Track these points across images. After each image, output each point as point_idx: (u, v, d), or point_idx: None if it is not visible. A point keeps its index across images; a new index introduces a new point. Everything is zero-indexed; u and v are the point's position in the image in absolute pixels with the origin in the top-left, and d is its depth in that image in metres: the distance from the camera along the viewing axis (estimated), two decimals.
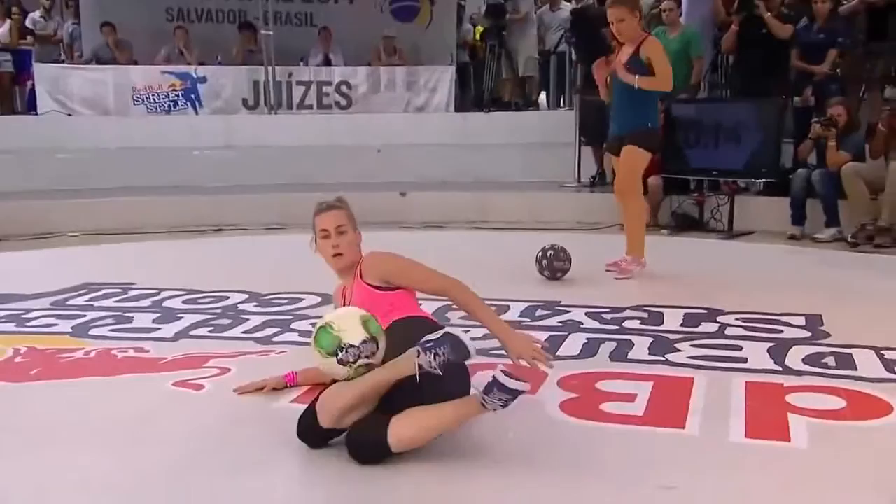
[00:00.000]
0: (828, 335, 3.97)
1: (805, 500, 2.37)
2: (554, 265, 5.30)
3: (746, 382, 3.32)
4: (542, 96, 11.79)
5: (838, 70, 8.02)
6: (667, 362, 3.62)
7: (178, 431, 2.93)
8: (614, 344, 3.88)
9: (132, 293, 5.19)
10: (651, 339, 3.95)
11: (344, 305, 3.09)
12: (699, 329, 4.13)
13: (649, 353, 3.74)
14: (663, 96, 7.67)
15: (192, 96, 10.96)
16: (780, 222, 7.41)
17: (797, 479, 2.50)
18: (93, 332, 4.28)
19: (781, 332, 4.07)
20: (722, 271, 5.76)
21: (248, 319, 4.47)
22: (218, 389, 3.34)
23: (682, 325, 4.22)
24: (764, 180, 7.59)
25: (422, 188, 9.39)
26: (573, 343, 3.92)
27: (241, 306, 4.80)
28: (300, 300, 4.91)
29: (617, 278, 5.33)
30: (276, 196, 9.28)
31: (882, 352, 3.67)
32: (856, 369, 3.47)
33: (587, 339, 3.98)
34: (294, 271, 5.85)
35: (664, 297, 4.77)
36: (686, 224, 7.72)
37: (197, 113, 10.78)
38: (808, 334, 4.01)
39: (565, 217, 8.41)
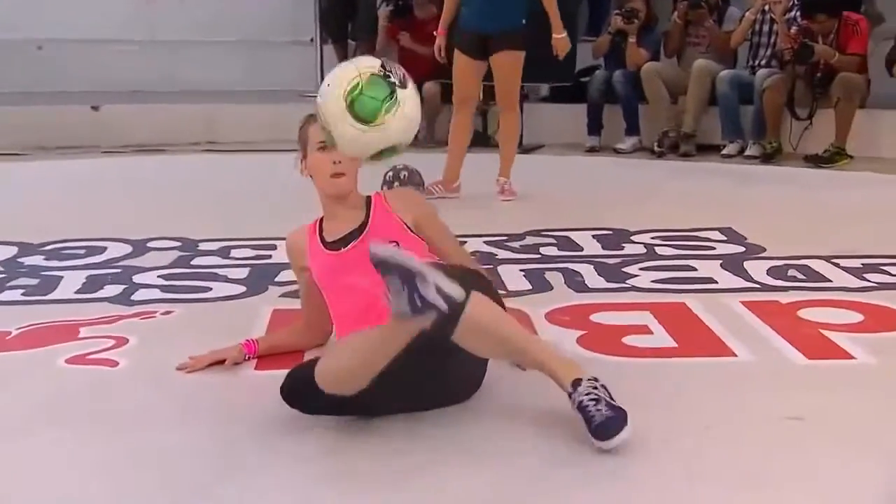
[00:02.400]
0: (763, 248, 4.44)
1: None
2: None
3: (744, 302, 3.64)
4: None
5: None
6: (636, 289, 3.86)
7: (134, 414, 2.70)
8: (559, 274, 4.05)
9: None
10: (591, 266, 4.17)
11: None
12: (628, 251, 4.44)
13: (607, 281, 3.96)
14: None
15: None
16: (572, 133, 7.98)
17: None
18: None
19: (714, 248, 4.48)
20: (566, 188, 6.13)
21: (60, 277, 4.12)
22: (138, 364, 3.09)
23: (604, 248, 4.50)
24: (556, 84, 8.08)
25: (115, 100, 8.86)
26: (512, 276, 4.02)
27: (24, 261, 4.39)
28: (102, 249, 4.60)
29: (506, 200, 5.55)
30: None
31: (832, 260, 4.18)
32: (830, 280, 3.93)
33: (521, 270, 4.11)
34: (46, 213, 5.43)
35: (546, 220, 5.02)
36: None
37: None
38: (743, 248, 4.45)
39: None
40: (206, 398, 2.81)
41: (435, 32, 5.82)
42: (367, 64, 2.50)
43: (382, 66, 2.48)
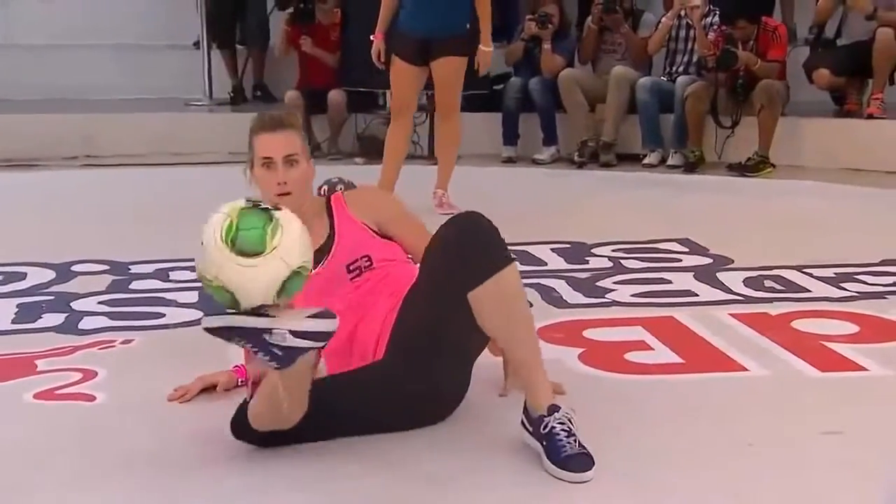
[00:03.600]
0: (730, 259, 4.56)
1: None
2: None
3: (733, 315, 3.75)
4: None
5: None
6: (618, 303, 3.94)
7: (143, 453, 2.61)
8: (532, 290, 4.05)
9: None
10: (563, 281, 4.23)
11: None
12: (594, 265, 4.52)
13: (586, 296, 4.03)
14: None
15: None
16: (487, 143, 8.01)
17: None
18: None
19: (679, 260, 4.60)
20: (501, 200, 6.11)
21: None
22: (119, 398, 3.01)
23: (568, 262, 4.58)
24: (469, 92, 8.09)
25: None
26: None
27: None
28: (22, 275, 4.46)
29: (445, 214, 5.50)
30: None
31: (804, 270, 4.33)
32: (809, 290, 4.07)
33: None
34: None
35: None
36: (375, 149, 7.96)
37: None
38: (710, 260, 4.58)
39: (207, 146, 8.22)
40: (206, 431, 2.73)
41: (371, 38, 5.76)
42: (232, 204, 2.39)
43: (247, 199, 2.41)
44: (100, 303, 3.99)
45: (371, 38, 5.75)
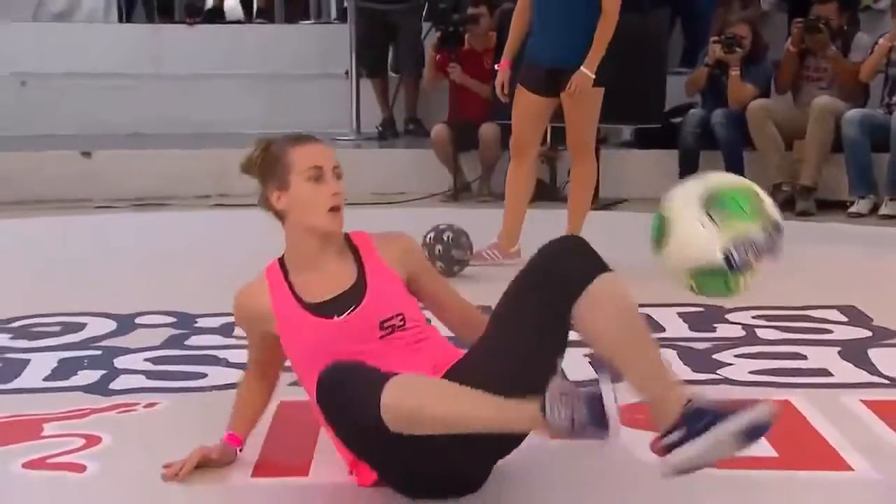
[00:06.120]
0: (893, 333, 4.39)
1: None
2: (452, 255, 5.41)
3: (865, 402, 3.61)
4: None
5: None
6: (729, 381, 3.85)
7: None
8: None
9: None
10: (675, 352, 4.16)
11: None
12: (721, 334, 4.45)
13: (694, 371, 3.96)
14: None
15: None
16: (660, 185, 7.78)
17: None
18: None
19: (831, 331, 4.46)
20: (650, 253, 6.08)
21: (27, 360, 4.20)
22: (110, 470, 3.11)
23: (692, 329, 4.52)
24: (642, 126, 8.08)
25: (111, 145, 9.02)
26: (573, 363, 3.98)
27: None
28: (81, 326, 4.69)
29: None
30: None
31: None
32: None
33: (585, 356, 4.08)
34: (17, 282, 5.52)
35: None
36: (535, 191, 8.01)
37: None
38: (869, 333, 4.43)
39: (351, 186, 8.39)
40: None
41: (496, 66, 5.83)
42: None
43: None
44: (146, 360, 4.16)
45: (495, 66, 5.79)
